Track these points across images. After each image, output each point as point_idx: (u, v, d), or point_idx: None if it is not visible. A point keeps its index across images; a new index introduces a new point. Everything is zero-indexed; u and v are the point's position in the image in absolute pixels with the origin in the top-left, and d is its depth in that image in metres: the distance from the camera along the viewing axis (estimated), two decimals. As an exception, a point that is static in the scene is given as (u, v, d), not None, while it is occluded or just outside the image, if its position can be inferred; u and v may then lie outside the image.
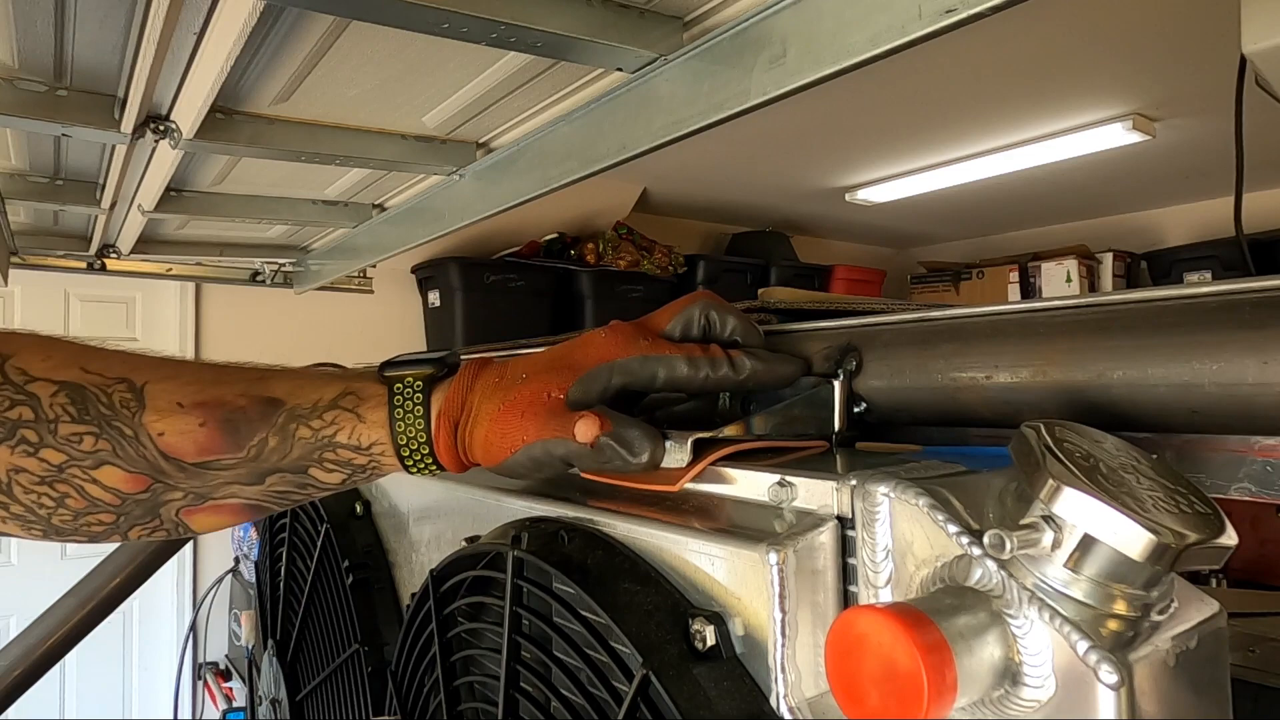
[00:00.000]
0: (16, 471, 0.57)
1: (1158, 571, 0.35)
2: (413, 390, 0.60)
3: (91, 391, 0.58)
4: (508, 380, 0.58)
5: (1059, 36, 2.11)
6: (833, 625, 0.36)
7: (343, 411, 0.60)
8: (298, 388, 0.61)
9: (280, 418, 0.60)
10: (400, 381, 0.60)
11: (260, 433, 0.59)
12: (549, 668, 0.52)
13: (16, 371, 0.57)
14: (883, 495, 0.41)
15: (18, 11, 0.97)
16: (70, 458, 0.57)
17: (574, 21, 0.89)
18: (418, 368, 0.61)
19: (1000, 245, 4.47)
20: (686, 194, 3.65)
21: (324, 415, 0.60)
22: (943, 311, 0.58)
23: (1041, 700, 0.35)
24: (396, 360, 0.63)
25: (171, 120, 1.20)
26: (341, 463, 0.60)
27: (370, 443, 0.59)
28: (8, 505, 0.58)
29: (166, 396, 0.59)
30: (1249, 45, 0.67)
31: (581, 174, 1.14)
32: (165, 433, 0.58)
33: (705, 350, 0.58)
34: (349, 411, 0.60)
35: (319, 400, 0.61)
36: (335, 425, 0.60)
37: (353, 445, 0.59)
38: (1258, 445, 0.45)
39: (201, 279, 2.62)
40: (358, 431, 0.59)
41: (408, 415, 0.59)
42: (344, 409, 0.60)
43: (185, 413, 0.59)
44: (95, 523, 0.60)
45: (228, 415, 0.59)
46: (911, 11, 0.67)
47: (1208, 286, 0.46)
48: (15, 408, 0.56)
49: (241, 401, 0.60)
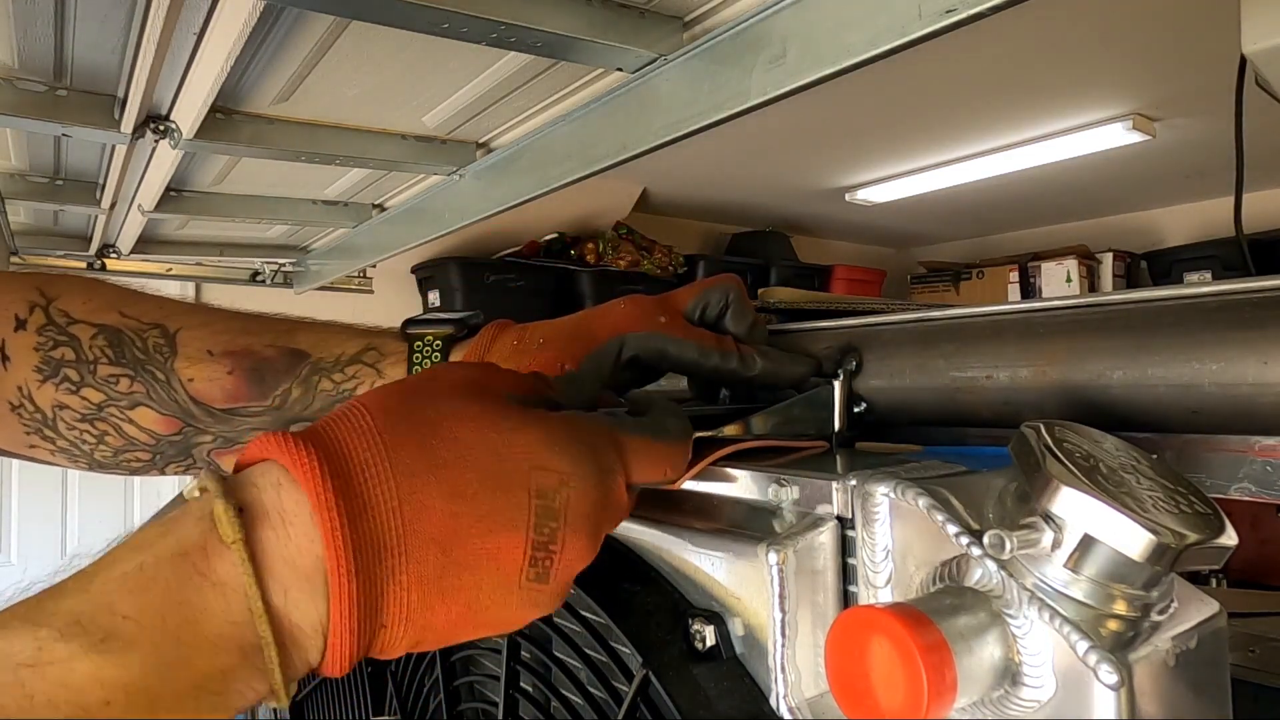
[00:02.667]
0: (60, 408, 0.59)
1: (1158, 571, 0.35)
2: (432, 349, 0.61)
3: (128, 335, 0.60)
4: (526, 344, 0.58)
5: (1059, 36, 2.11)
6: (833, 625, 0.36)
7: (364, 366, 0.61)
8: (322, 340, 0.63)
9: (304, 370, 0.61)
10: (420, 339, 0.61)
11: (284, 383, 0.61)
12: (548, 667, 0.52)
13: (60, 314, 0.60)
14: (883, 495, 0.41)
15: (18, 11, 0.97)
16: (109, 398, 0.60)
17: (574, 21, 0.89)
18: (438, 327, 0.62)
19: (1000, 245, 4.46)
20: (686, 194, 3.65)
21: (345, 369, 0.62)
22: (943, 311, 0.58)
23: (1041, 700, 0.35)
24: (419, 319, 0.64)
25: (171, 120, 1.20)
26: None
27: None
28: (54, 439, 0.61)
29: (197, 343, 0.61)
30: (1249, 45, 0.67)
31: (581, 174, 1.14)
32: (195, 379, 0.60)
33: (719, 341, 0.57)
34: (369, 366, 0.61)
35: (341, 354, 0.62)
36: (356, 379, 0.61)
37: None
38: (1258, 445, 0.45)
39: (201, 279, 2.62)
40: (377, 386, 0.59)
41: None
42: (365, 364, 0.62)
43: (214, 360, 0.60)
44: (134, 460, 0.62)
45: (254, 365, 0.61)
46: (911, 11, 0.67)
47: (1208, 286, 0.46)
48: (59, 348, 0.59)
49: (269, 352, 0.61)
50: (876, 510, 0.41)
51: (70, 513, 3.04)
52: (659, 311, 0.58)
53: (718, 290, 0.60)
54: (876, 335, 0.60)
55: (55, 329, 0.59)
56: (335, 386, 0.61)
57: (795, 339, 0.64)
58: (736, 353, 0.57)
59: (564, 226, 3.51)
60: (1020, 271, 4.06)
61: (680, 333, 0.57)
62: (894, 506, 0.40)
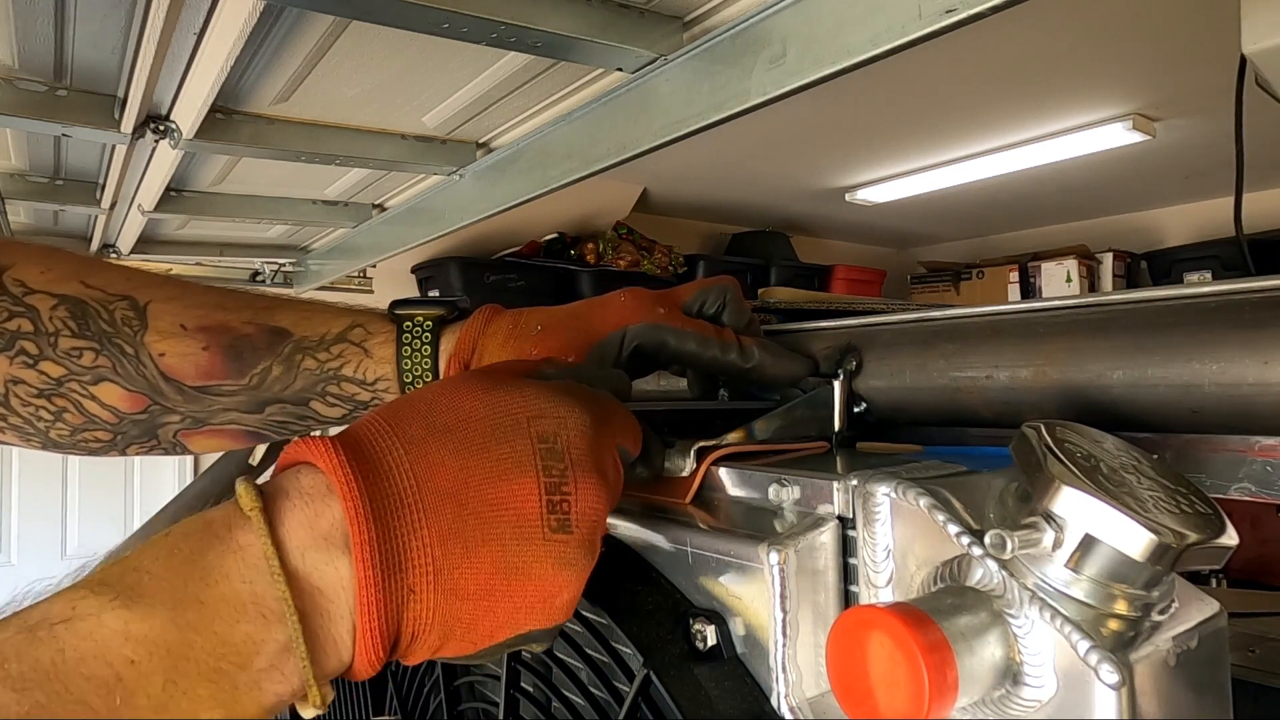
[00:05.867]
0: (15, 383, 0.56)
1: (1158, 571, 0.35)
2: (422, 329, 0.59)
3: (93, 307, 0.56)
4: (522, 329, 0.57)
5: (1059, 36, 2.11)
6: (834, 625, 0.36)
7: (350, 345, 0.59)
8: (305, 318, 0.60)
9: (286, 348, 0.59)
10: (410, 320, 0.59)
11: (264, 361, 0.58)
12: (549, 667, 0.52)
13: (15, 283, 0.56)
14: (884, 495, 0.41)
15: (18, 11, 0.97)
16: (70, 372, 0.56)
17: (574, 21, 0.89)
18: (428, 308, 0.60)
19: (1000, 245, 4.46)
20: (686, 194, 3.65)
21: (331, 348, 0.59)
22: (943, 311, 0.58)
23: (1042, 700, 0.35)
24: (407, 300, 0.62)
25: (171, 120, 1.20)
26: (345, 397, 0.59)
27: (376, 378, 0.59)
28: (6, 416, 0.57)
29: (170, 317, 0.58)
30: (1249, 45, 0.67)
31: (581, 174, 1.14)
32: (167, 354, 0.57)
33: (719, 332, 0.57)
34: (356, 346, 0.59)
35: (326, 333, 0.59)
36: (341, 359, 0.59)
37: (358, 380, 0.59)
38: (1258, 445, 0.45)
39: (201, 279, 2.62)
40: (364, 366, 0.59)
41: (415, 354, 0.58)
42: (351, 343, 0.59)
43: (189, 335, 0.57)
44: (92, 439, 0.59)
45: (232, 341, 0.58)
46: (911, 11, 0.67)
47: (1208, 286, 0.46)
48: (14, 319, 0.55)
49: (247, 329, 0.58)
50: (877, 510, 0.41)
51: (70, 513, 3.04)
52: (659, 304, 0.58)
53: (716, 288, 0.60)
54: (876, 335, 0.60)
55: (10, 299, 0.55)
56: (319, 365, 0.59)
57: (795, 339, 0.64)
58: (736, 343, 0.57)
59: (564, 226, 3.51)
60: (1020, 271, 4.05)
61: (681, 323, 0.57)
62: (895, 506, 0.40)
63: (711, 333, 0.57)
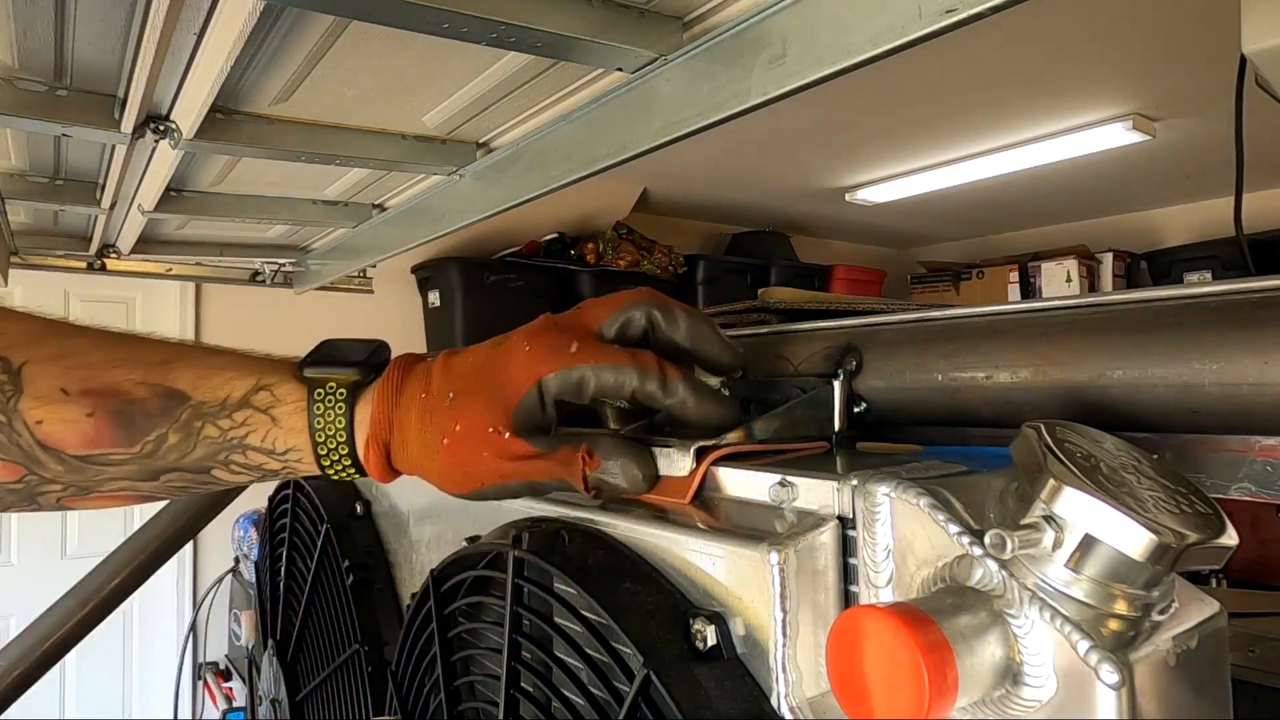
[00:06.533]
0: None
1: (1158, 571, 0.35)
2: (335, 399, 0.55)
3: None
4: (434, 397, 0.53)
5: (1059, 36, 2.11)
6: (834, 625, 0.36)
7: (255, 412, 0.55)
8: (203, 378, 0.55)
9: (184, 414, 0.54)
10: (322, 386, 0.55)
11: (159, 428, 0.53)
12: (550, 667, 0.52)
13: None
14: (884, 495, 0.41)
15: (18, 11, 0.97)
16: None
17: (574, 21, 0.89)
18: (341, 371, 0.56)
19: (1000, 245, 4.47)
20: (686, 194, 3.65)
21: (233, 415, 0.55)
22: (943, 311, 0.58)
23: (1042, 700, 0.35)
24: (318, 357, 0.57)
25: (171, 120, 1.20)
26: (251, 466, 0.56)
27: (286, 449, 0.55)
28: None
29: (49, 380, 0.52)
30: (1249, 45, 0.67)
31: (581, 174, 1.14)
32: (45, 421, 0.52)
33: (635, 358, 0.51)
34: (262, 413, 0.55)
35: (228, 396, 0.55)
36: (246, 426, 0.55)
37: (265, 449, 0.55)
38: (1258, 445, 0.45)
39: (201, 279, 2.62)
40: (272, 436, 0.55)
41: (329, 425, 0.54)
42: (256, 409, 0.55)
43: (70, 401, 0.52)
44: None
45: (122, 406, 0.53)
46: (911, 11, 0.67)
47: (1208, 286, 0.46)
48: None
49: (139, 391, 0.53)
50: (878, 510, 0.41)
51: (70, 513, 3.03)
52: (566, 339, 0.52)
53: (637, 309, 0.54)
54: (876, 335, 0.60)
55: None
56: (222, 434, 0.54)
57: (790, 339, 0.64)
58: (657, 373, 0.51)
59: (564, 226, 3.51)
60: (1020, 271, 4.06)
61: (593, 358, 0.51)
62: (895, 506, 0.40)
63: (627, 361, 0.51)
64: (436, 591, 0.65)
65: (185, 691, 2.99)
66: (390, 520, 0.90)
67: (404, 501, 0.87)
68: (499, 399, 0.52)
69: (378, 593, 0.87)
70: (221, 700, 2.74)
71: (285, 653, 1.04)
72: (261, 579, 1.16)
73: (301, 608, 0.99)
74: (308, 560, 0.97)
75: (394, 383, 0.55)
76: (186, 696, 3.01)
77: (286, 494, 1.03)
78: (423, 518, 0.82)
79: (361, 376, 0.56)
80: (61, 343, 0.55)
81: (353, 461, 0.55)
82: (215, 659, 3.02)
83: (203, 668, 2.99)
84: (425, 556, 0.81)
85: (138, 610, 3.06)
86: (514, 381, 0.52)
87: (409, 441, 0.53)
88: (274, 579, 1.09)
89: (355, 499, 0.94)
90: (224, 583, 2.97)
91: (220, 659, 3.02)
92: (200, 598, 3.07)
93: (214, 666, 2.97)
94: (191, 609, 3.09)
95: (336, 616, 0.90)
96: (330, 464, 0.55)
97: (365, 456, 0.55)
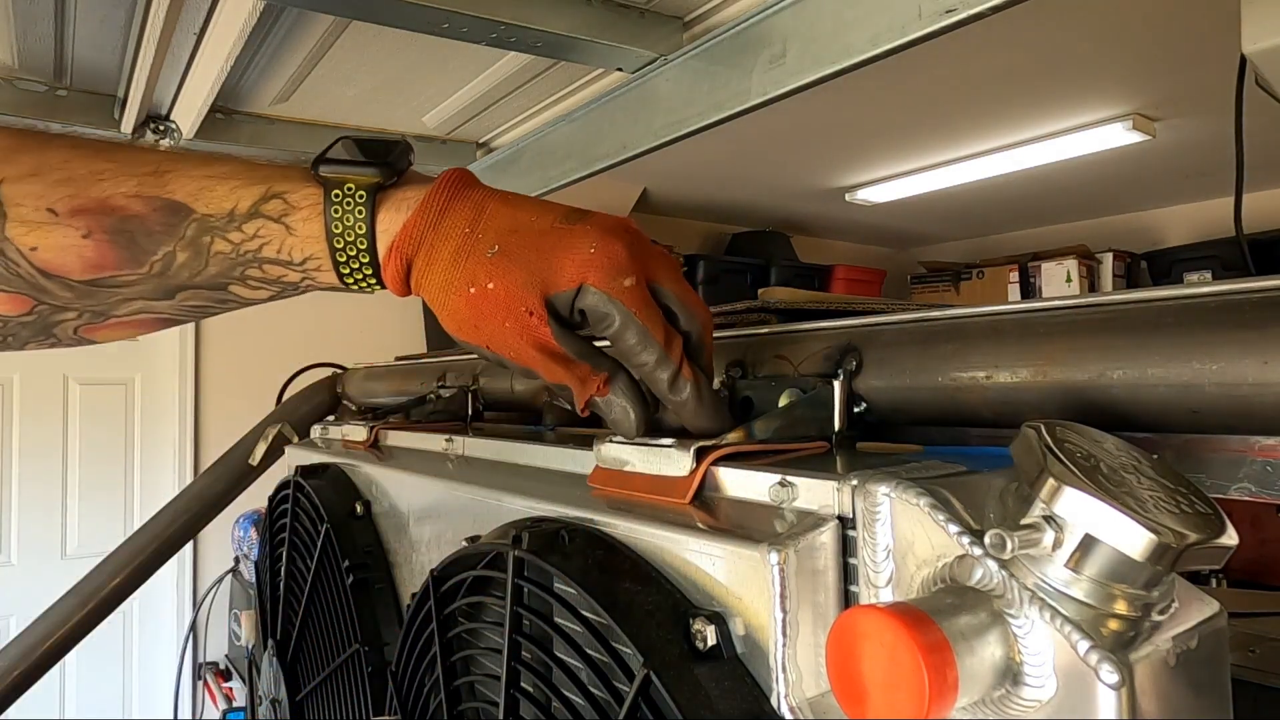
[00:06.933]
0: None
1: (1158, 571, 0.35)
2: (354, 201, 0.51)
3: None
4: (478, 240, 0.50)
5: (1059, 36, 2.11)
6: (834, 625, 0.36)
7: (267, 221, 0.51)
8: (204, 189, 0.51)
9: (189, 229, 0.50)
10: (339, 187, 0.51)
11: (165, 246, 0.49)
12: (549, 667, 0.52)
13: None
14: (884, 495, 0.41)
15: (18, 11, 0.97)
16: None
17: (574, 21, 0.89)
18: (360, 171, 0.52)
19: (1000, 245, 4.47)
20: (686, 194, 3.65)
21: (244, 226, 0.50)
22: (943, 311, 0.58)
23: (1042, 700, 0.35)
24: (335, 155, 0.53)
25: (171, 120, 1.20)
26: (270, 280, 0.52)
27: (305, 257, 0.52)
28: None
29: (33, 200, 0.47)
30: (1249, 45, 0.67)
31: (581, 174, 1.14)
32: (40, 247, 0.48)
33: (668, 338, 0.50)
34: (275, 222, 0.51)
35: (235, 207, 0.51)
36: (259, 238, 0.51)
37: (283, 260, 0.52)
38: (1258, 445, 0.45)
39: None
40: (288, 246, 0.51)
41: (348, 231, 0.51)
42: (268, 218, 0.51)
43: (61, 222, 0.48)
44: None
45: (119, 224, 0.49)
46: (911, 11, 0.67)
47: (1208, 286, 0.46)
48: None
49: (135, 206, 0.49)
50: (878, 510, 0.41)
51: (70, 513, 3.04)
52: (628, 272, 0.50)
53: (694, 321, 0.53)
54: (876, 335, 0.60)
55: None
56: (234, 248, 0.50)
57: (790, 339, 0.64)
58: (675, 366, 0.50)
59: (564, 226, 3.50)
60: (1020, 271, 4.06)
61: (637, 307, 0.49)
62: (895, 506, 0.40)
63: (660, 336, 0.50)
64: (436, 591, 0.65)
65: (185, 691, 3.00)
66: (390, 520, 0.90)
67: (404, 501, 0.87)
68: (540, 280, 0.49)
69: (378, 593, 0.87)
70: (221, 700, 2.74)
71: (285, 653, 1.04)
72: (261, 579, 1.16)
73: (301, 608, 0.99)
74: (308, 560, 0.97)
75: (439, 203, 0.51)
76: (186, 696, 3.01)
77: (286, 494, 1.03)
78: (422, 518, 0.82)
79: (383, 178, 0.52)
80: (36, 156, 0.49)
81: (374, 270, 0.52)
82: (215, 659, 3.02)
83: (203, 668, 3.00)
84: (425, 556, 0.81)
85: (138, 610, 3.06)
86: (563, 271, 0.49)
87: (435, 268, 0.50)
88: (274, 579, 1.09)
89: (355, 499, 0.94)
90: (224, 583, 2.97)
91: (220, 659, 3.02)
92: (200, 598, 3.07)
93: (214, 666, 2.97)
94: (191, 609, 3.09)
95: (336, 616, 0.90)
96: (349, 272, 0.52)
97: (385, 264, 0.51)
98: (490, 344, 0.51)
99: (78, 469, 3.05)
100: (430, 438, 0.94)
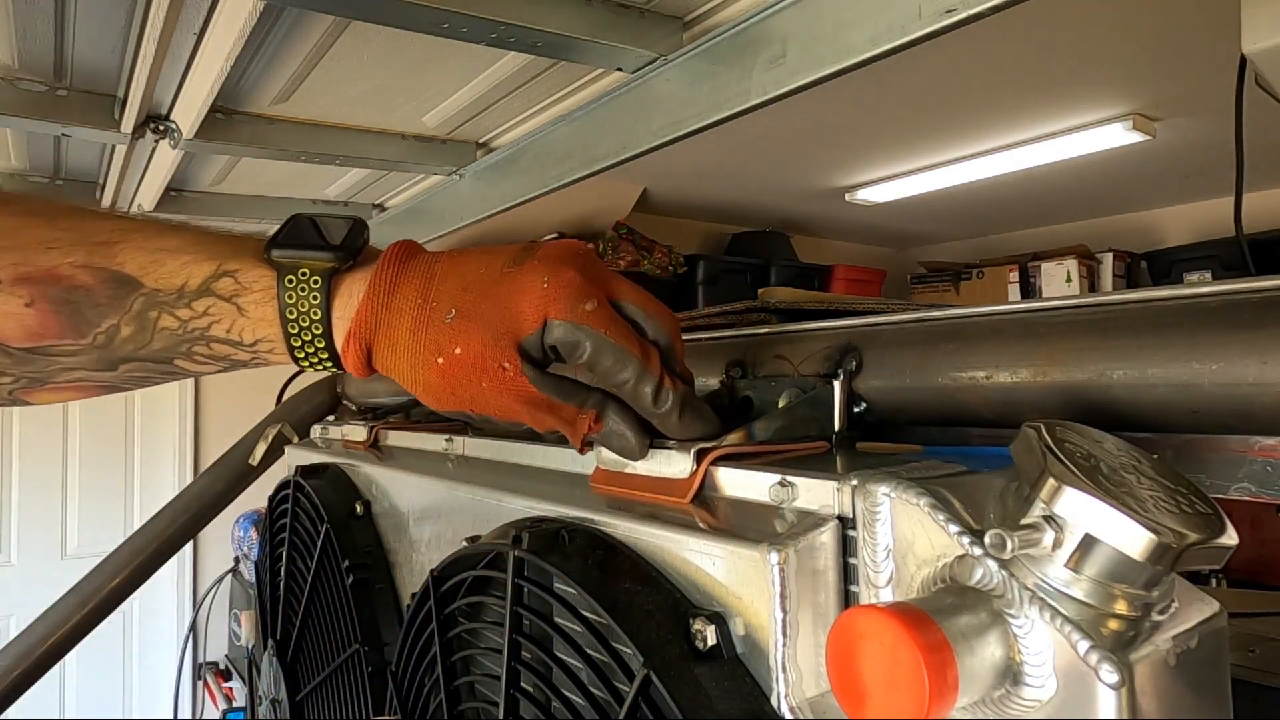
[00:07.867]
0: None
1: (1158, 571, 0.35)
2: (309, 288, 0.50)
3: None
4: (432, 309, 0.50)
5: (1059, 36, 2.11)
6: (834, 625, 0.36)
7: (217, 300, 0.50)
8: (155, 262, 0.50)
9: (135, 303, 0.49)
10: (293, 272, 0.50)
11: (109, 318, 0.49)
12: (550, 667, 0.52)
13: None
14: (884, 495, 0.41)
15: (18, 11, 0.97)
16: None
17: (574, 21, 0.89)
18: (315, 255, 0.51)
19: (1000, 245, 4.46)
20: (686, 194, 3.65)
21: (193, 304, 0.50)
22: (943, 311, 0.58)
23: (1042, 700, 0.35)
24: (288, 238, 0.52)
25: (171, 120, 1.20)
26: (217, 357, 0.52)
27: (255, 339, 0.51)
28: None
29: None
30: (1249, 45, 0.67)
31: (581, 174, 1.14)
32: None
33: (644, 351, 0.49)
34: (225, 301, 0.50)
35: (185, 284, 0.50)
36: (209, 316, 0.50)
37: (232, 340, 0.51)
38: (1258, 445, 0.45)
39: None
40: (238, 326, 0.51)
41: (303, 317, 0.50)
42: (219, 297, 0.50)
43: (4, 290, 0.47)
44: None
45: (64, 294, 0.48)
46: (911, 11, 0.67)
47: (1208, 286, 0.46)
48: None
49: (82, 277, 0.48)
50: (878, 510, 0.41)
51: (70, 513, 3.04)
52: (589, 294, 0.49)
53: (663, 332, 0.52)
54: (876, 335, 0.60)
55: None
56: (181, 325, 0.49)
57: (790, 339, 0.64)
58: (657, 378, 0.49)
59: (564, 226, 3.50)
60: (1020, 271, 4.05)
61: (606, 328, 0.48)
62: (895, 506, 0.40)
63: (635, 350, 0.49)
64: (436, 591, 0.65)
65: (185, 691, 3.00)
66: (390, 520, 0.90)
67: (404, 501, 0.87)
68: (506, 331, 0.48)
69: (378, 593, 0.87)
70: (221, 700, 2.74)
71: (285, 653, 1.04)
72: (261, 579, 1.16)
73: (301, 608, 0.99)
74: (308, 560, 0.97)
75: (386, 281, 0.50)
76: (186, 696, 3.01)
77: (286, 494, 1.03)
78: (423, 518, 0.82)
79: (338, 262, 0.51)
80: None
81: (329, 355, 0.51)
82: (215, 659, 3.02)
83: (203, 668, 3.00)
84: (425, 556, 0.81)
85: (138, 610, 3.06)
86: (524, 315, 0.49)
87: (397, 348, 0.50)
88: (274, 579, 1.09)
89: (355, 499, 0.94)
90: (224, 583, 2.97)
91: (220, 659, 3.02)
92: (200, 598, 3.07)
93: (214, 666, 2.97)
94: (191, 609, 3.09)
95: (336, 616, 0.90)
96: (305, 356, 0.52)
97: (344, 351, 0.51)
98: (473, 407, 0.51)
99: (78, 469, 3.05)
100: (430, 438, 0.94)
